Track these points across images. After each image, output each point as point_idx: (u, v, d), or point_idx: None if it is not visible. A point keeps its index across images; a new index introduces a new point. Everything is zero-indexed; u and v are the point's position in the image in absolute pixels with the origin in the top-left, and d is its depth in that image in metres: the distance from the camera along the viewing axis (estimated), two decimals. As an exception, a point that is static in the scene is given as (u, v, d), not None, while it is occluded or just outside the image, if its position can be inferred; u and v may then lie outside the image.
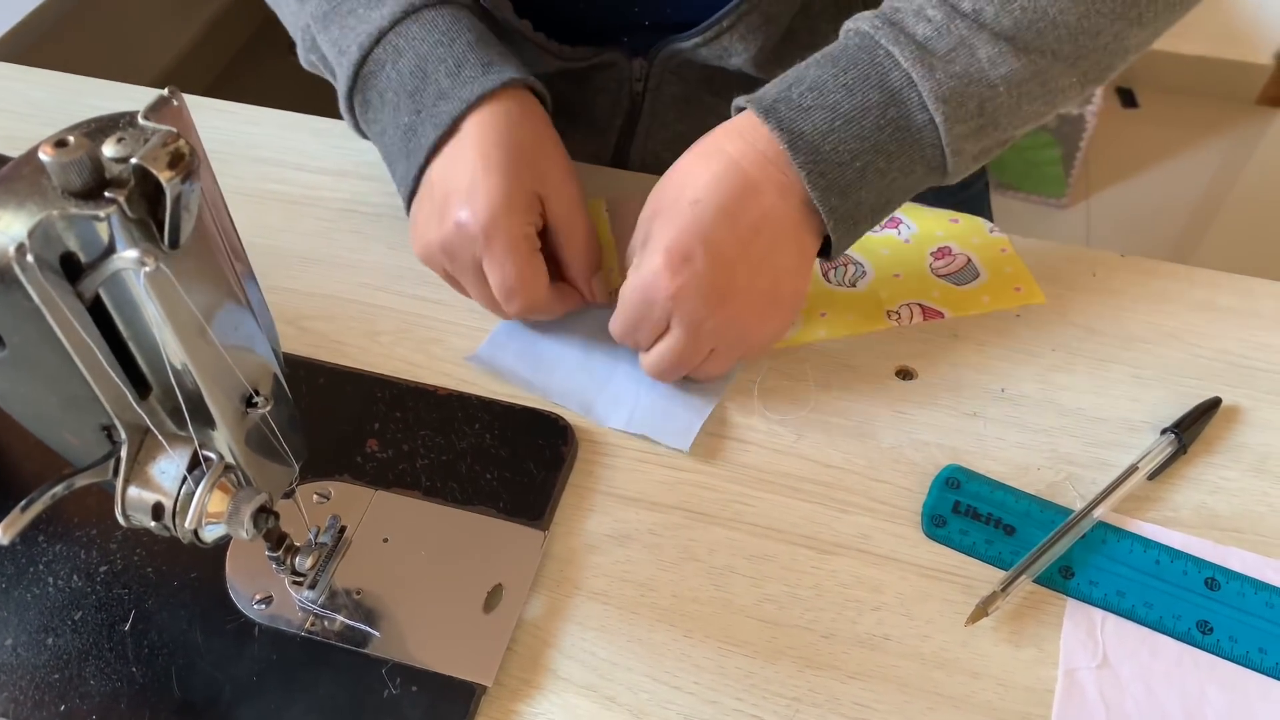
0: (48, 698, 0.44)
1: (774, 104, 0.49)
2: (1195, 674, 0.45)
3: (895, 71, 0.48)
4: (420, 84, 0.53)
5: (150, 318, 0.32)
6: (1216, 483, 0.51)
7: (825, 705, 0.44)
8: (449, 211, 0.52)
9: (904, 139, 0.49)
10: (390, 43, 0.54)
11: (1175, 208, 1.94)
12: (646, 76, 0.68)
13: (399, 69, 0.54)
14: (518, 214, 0.52)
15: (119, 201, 0.29)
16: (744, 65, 0.64)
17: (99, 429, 0.34)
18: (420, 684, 0.44)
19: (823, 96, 0.48)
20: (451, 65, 0.53)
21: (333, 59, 0.57)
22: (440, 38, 0.53)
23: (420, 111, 0.53)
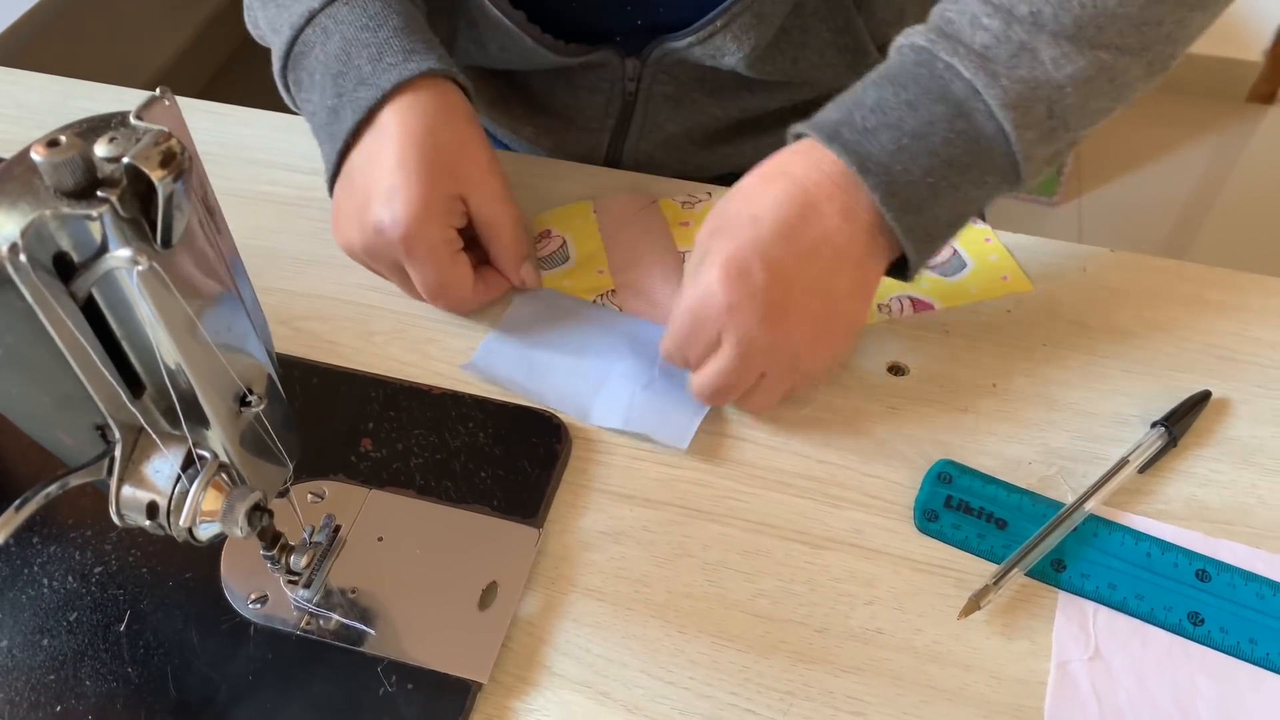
0: (44, 699, 0.44)
1: (836, 129, 0.48)
2: (1186, 665, 0.45)
3: (958, 83, 0.47)
4: (344, 67, 0.54)
5: (143, 317, 0.32)
6: (1207, 475, 0.51)
7: (819, 699, 0.44)
8: (368, 214, 0.53)
9: (974, 150, 0.48)
10: (320, 24, 0.55)
11: (1167, 205, 1.94)
12: (639, 76, 0.68)
13: (326, 51, 0.55)
14: (436, 220, 0.53)
15: (111, 201, 0.29)
16: (737, 65, 0.64)
17: (93, 428, 0.34)
18: (416, 681, 0.44)
19: (885, 116, 0.48)
20: (374, 51, 0.54)
21: (269, 35, 0.59)
22: (367, 22, 0.54)
23: (342, 95, 0.54)
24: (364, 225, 0.53)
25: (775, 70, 0.66)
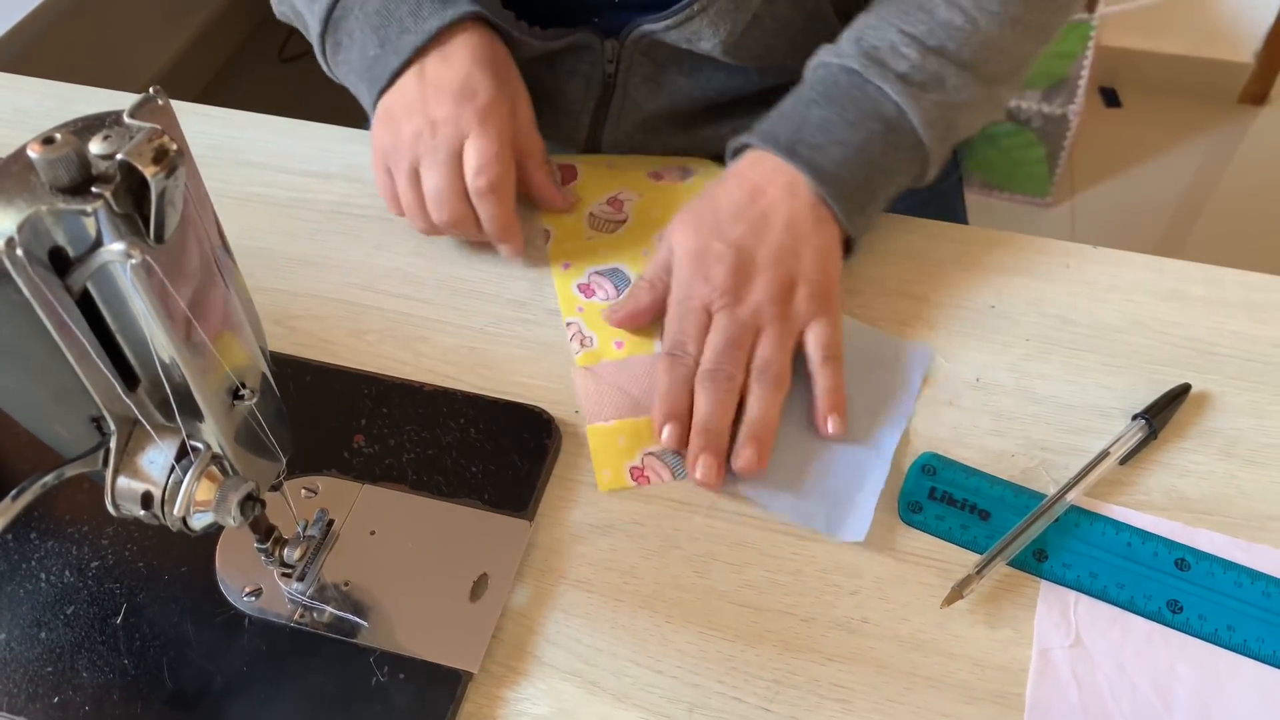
0: (41, 690, 0.44)
1: (792, 146, 0.56)
2: (1165, 651, 0.46)
3: (887, 104, 0.57)
4: (384, 21, 0.60)
5: (137, 310, 0.32)
6: (1187, 466, 0.52)
7: (805, 686, 0.45)
8: (443, 96, 0.58)
9: (901, 159, 0.58)
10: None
11: (1159, 206, 1.95)
12: (618, 58, 0.69)
13: (365, 10, 0.60)
14: (505, 109, 0.59)
15: (105, 196, 0.30)
16: (712, 50, 0.65)
17: (89, 421, 0.35)
18: (408, 672, 0.45)
19: (831, 134, 0.57)
20: (413, 4, 0.59)
21: (304, 7, 0.63)
22: None
23: (385, 44, 0.59)
24: (437, 106, 0.57)
25: (749, 55, 0.68)
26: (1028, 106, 1.86)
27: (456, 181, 0.58)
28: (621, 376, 0.56)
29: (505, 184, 0.58)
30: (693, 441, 0.51)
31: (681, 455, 0.52)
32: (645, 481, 0.52)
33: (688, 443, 0.52)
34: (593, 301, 0.60)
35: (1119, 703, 0.44)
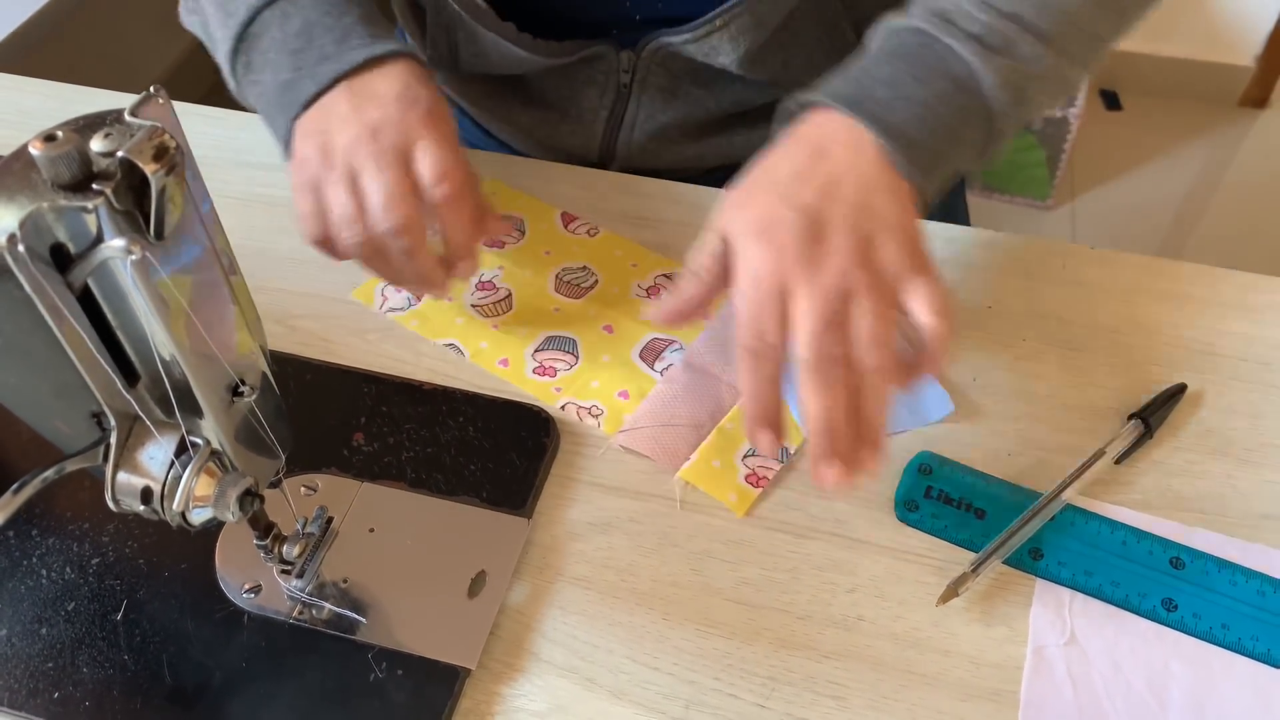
0: (42, 686, 0.45)
1: (858, 100, 0.50)
2: (1160, 649, 0.46)
3: (957, 63, 0.51)
4: (304, 45, 0.55)
5: (137, 307, 0.33)
6: (1182, 466, 0.52)
7: (800, 684, 0.45)
8: (382, 103, 0.52)
9: (970, 122, 0.52)
10: (280, 7, 0.55)
11: (1160, 209, 1.95)
12: (634, 68, 0.69)
13: (284, 30, 0.55)
14: (452, 120, 0.54)
15: (106, 193, 0.30)
16: (730, 64, 0.65)
17: (89, 416, 0.35)
18: (406, 668, 0.45)
19: (898, 90, 0.51)
20: (339, 34, 0.55)
21: (216, 21, 0.58)
22: (330, 8, 0.55)
23: (300, 69, 0.54)
24: (371, 113, 0.52)
25: (766, 70, 0.68)
26: (1028, 109, 1.86)
27: (406, 183, 0.51)
28: (663, 414, 0.54)
29: (467, 192, 0.53)
30: (815, 446, 0.45)
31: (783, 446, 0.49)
32: (765, 483, 0.52)
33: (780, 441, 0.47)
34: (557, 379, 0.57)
35: (1114, 700, 0.45)
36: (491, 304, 0.60)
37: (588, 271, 0.62)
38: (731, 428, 0.54)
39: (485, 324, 0.59)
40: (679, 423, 0.54)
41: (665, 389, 0.55)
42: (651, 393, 0.55)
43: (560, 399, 0.55)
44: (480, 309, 0.60)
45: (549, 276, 0.62)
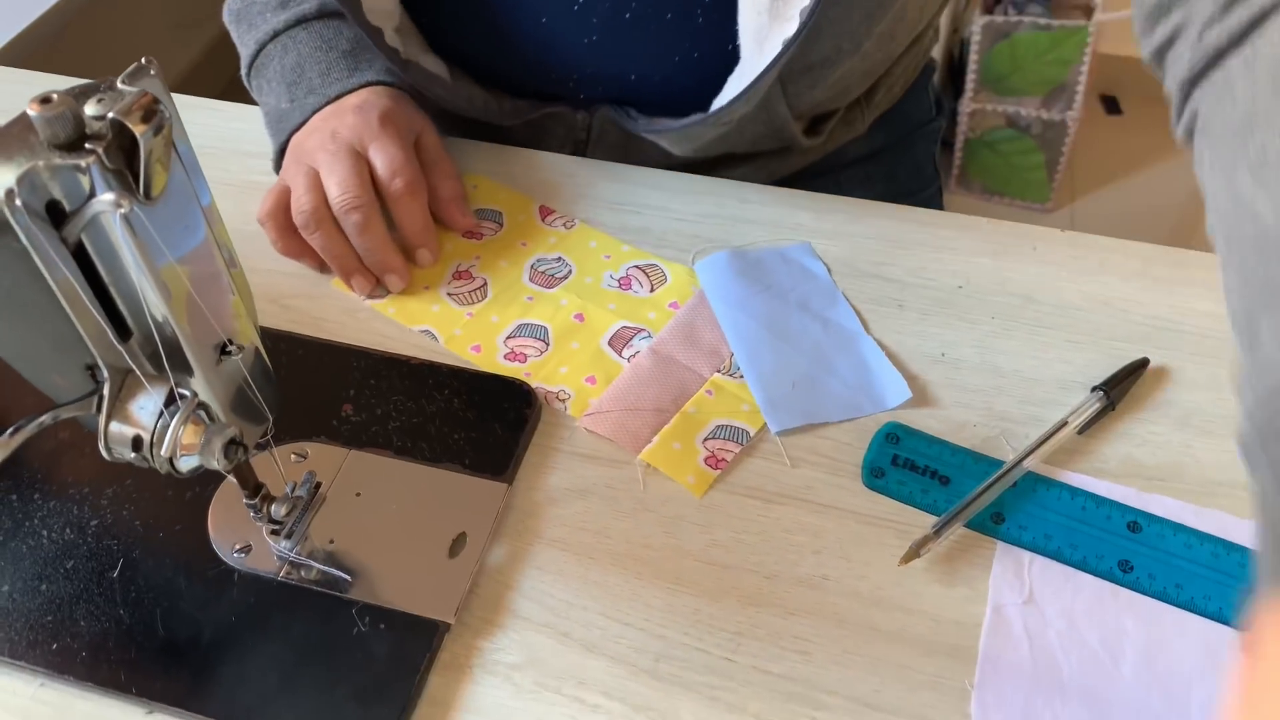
0: (41, 638, 0.47)
1: None
2: (1114, 608, 0.48)
3: None
4: (297, 78, 0.65)
5: (127, 263, 0.35)
6: (1143, 436, 0.54)
7: (766, 639, 0.47)
8: (342, 114, 0.62)
9: None
10: (280, 42, 0.67)
11: (1159, 213, 1.97)
12: (589, 128, 0.73)
13: (284, 64, 0.66)
14: (404, 121, 0.63)
15: (98, 152, 0.32)
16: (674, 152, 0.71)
17: (84, 369, 0.38)
18: (388, 622, 0.47)
19: None
20: (323, 68, 0.65)
21: (240, 43, 0.70)
22: (319, 44, 0.66)
23: (294, 100, 0.65)
24: (332, 121, 0.62)
25: (711, 153, 0.72)
26: (1027, 113, 1.88)
27: (362, 171, 0.60)
28: (627, 399, 0.56)
29: (420, 185, 0.62)
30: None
31: (740, 428, 0.55)
32: (724, 465, 0.53)
33: None
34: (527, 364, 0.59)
35: (1068, 655, 0.46)
36: (467, 292, 0.62)
37: (562, 262, 0.64)
38: (694, 412, 0.55)
39: (460, 311, 0.61)
40: (642, 407, 0.56)
41: (631, 374, 0.57)
42: (618, 378, 0.57)
43: (529, 384, 0.57)
44: (456, 297, 0.62)
45: (524, 267, 0.64)
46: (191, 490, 0.52)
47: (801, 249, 0.64)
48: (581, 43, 0.66)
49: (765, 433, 0.55)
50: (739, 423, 0.55)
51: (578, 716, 0.45)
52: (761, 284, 0.61)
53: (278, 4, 0.68)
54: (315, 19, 0.67)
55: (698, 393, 0.57)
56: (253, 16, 0.69)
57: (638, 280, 0.63)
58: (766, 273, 0.62)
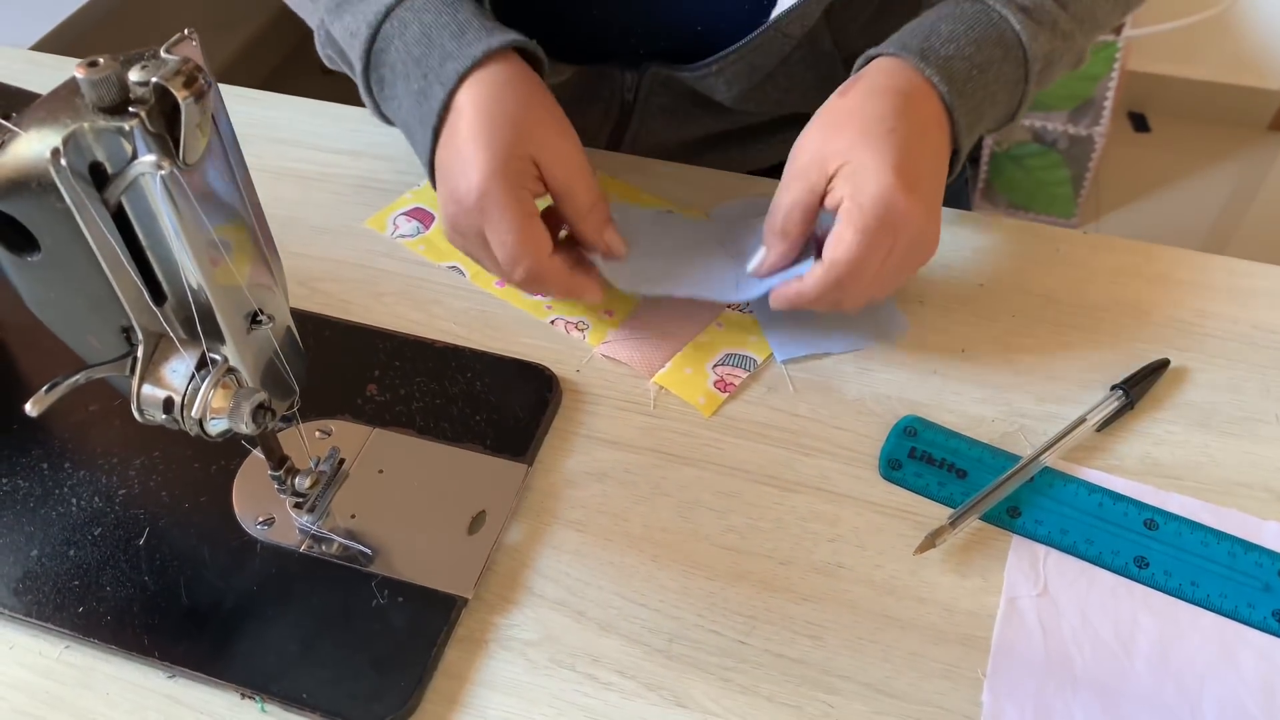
0: (68, 601, 0.48)
1: (924, 52, 0.55)
2: (1129, 603, 0.48)
3: (1008, 31, 0.57)
4: (426, 50, 0.56)
5: (165, 227, 0.36)
6: (1161, 435, 0.54)
7: (780, 623, 0.47)
8: (448, 193, 0.55)
9: (1006, 90, 0.58)
10: (397, 16, 0.57)
11: (1187, 232, 1.96)
12: (637, 87, 0.72)
13: (405, 40, 0.57)
14: (508, 180, 0.53)
15: (141, 115, 0.33)
16: (724, 99, 0.70)
17: (119, 331, 0.39)
18: (406, 595, 0.48)
19: (959, 48, 0.56)
20: (455, 29, 0.56)
21: (346, 45, 0.60)
22: (444, 6, 0.57)
23: (428, 75, 0.55)
24: (448, 204, 0.55)
25: (759, 104, 0.72)
26: (1053, 128, 1.88)
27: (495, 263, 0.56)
28: (643, 328, 0.60)
29: (540, 267, 0.55)
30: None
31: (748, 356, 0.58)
32: (732, 389, 0.57)
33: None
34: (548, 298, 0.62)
35: (1081, 647, 0.46)
36: None
37: None
38: (705, 340, 0.59)
39: None
40: (655, 334, 0.59)
41: (648, 306, 0.61)
42: (635, 309, 0.61)
43: (550, 315, 0.61)
44: None
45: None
46: (217, 463, 0.53)
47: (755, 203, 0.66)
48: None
49: (773, 424, 0.55)
50: (746, 351, 0.58)
51: (591, 693, 0.45)
52: None
53: None
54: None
55: (709, 325, 0.60)
56: (354, 5, 0.59)
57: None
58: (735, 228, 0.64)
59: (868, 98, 0.55)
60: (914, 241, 0.53)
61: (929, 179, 0.54)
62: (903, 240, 0.53)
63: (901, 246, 0.53)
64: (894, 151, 0.52)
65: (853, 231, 0.52)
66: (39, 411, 0.36)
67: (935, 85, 0.55)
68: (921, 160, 0.54)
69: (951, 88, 0.55)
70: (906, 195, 0.52)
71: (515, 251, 0.54)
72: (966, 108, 0.55)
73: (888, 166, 0.52)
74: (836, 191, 0.53)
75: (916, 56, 0.55)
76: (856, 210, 0.52)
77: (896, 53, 0.56)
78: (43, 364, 0.58)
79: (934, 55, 0.55)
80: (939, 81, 0.54)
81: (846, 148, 0.53)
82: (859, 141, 0.53)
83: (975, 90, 0.56)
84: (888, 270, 0.53)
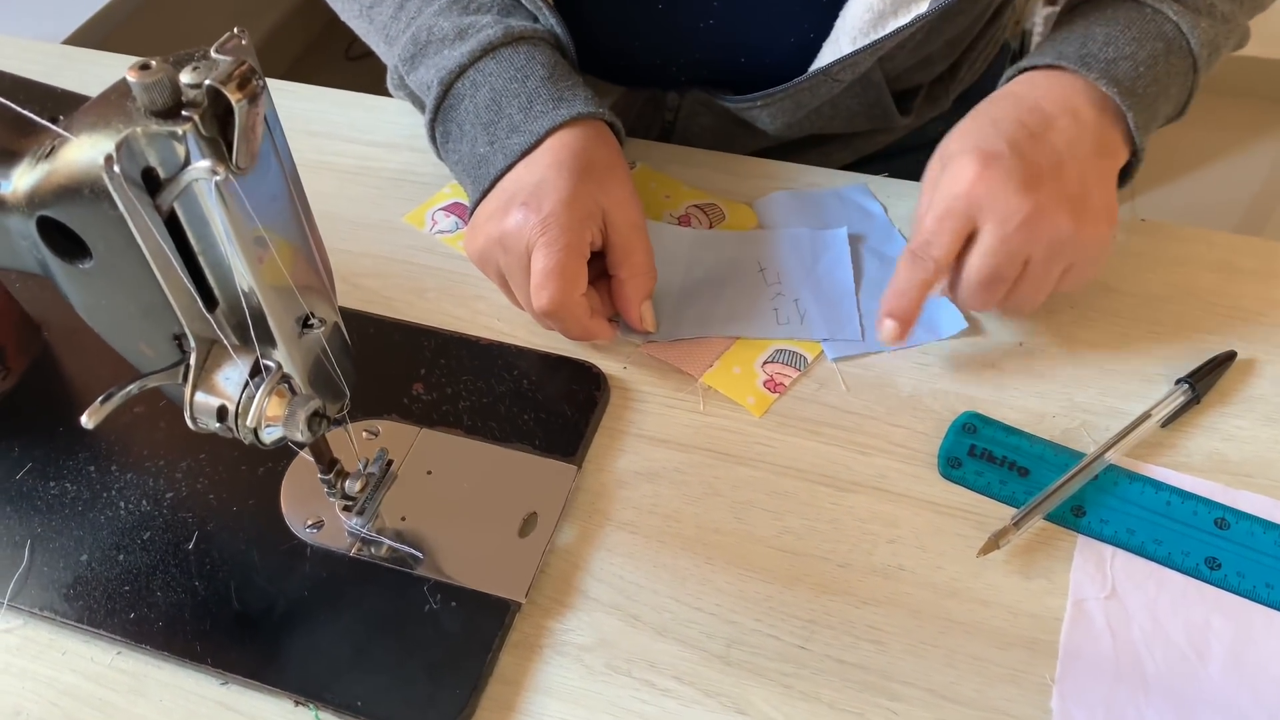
0: (119, 607, 0.47)
1: (1084, 59, 0.54)
2: (1201, 605, 0.46)
3: (1166, 23, 0.56)
4: (495, 117, 0.56)
5: (218, 232, 0.35)
6: (1229, 431, 0.52)
7: (839, 627, 0.46)
8: (513, 205, 0.53)
9: (1176, 82, 0.56)
10: (469, 78, 0.57)
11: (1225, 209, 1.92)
12: (678, 109, 0.72)
13: (475, 102, 0.57)
14: (577, 214, 0.53)
15: (194, 120, 0.32)
16: (767, 129, 0.69)
17: (171, 338, 0.38)
18: (459, 600, 0.47)
19: (1120, 49, 0.55)
20: (524, 100, 0.56)
21: (420, 94, 0.61)
22: (515, 74, 0.57)
23: (494, 143, 0.56)
24: (507, 214, 0.53)
25: (804, 131, 0.71)
26: (1089, 106, 1.84)
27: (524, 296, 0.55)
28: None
29: (564, 301, 0.52)
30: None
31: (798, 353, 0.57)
32: (782, 389, 0.55)
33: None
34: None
35: (1152, 652, 0.45)
36: None
37: None
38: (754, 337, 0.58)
39: None
40: (700, 332, 0.58)
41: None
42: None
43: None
44: None
45: None
46: (265, 465, 0.52)
47: (859, 190, 0.65)
48: (697, 27, 0.65)
49: (827, 422, 0.54)
50: (797, 348, 0.57)
51: (649, 700, 0.44)
52: (820, 221, 0.63)
53: (454, 36, 0.58)
54: (503, 44, 0.57)
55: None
56: (429, 58, 0.59)
57: (696, 218, 0.65)
58: (824, 211, 0.64)
59: (984, 105, 0.55)
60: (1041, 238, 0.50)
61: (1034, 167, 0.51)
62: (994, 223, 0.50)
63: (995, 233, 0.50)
64: (982, 136, 0.52)
65: (925, 209, 0.53)
66: (95, 423, 0.35)
67: (1104, 89, 0.53)
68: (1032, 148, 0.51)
69: (1120, 89, 0.53)
70: (982, 171, 0.50)
71: (553, 277, 0.52)
72: (1140, 106, 0.54)
73: (965, 150, 0.51)
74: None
75: (1077, 64, 0.54)
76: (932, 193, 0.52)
77: (1055, 62, 0.55)
78: (89, 367, 0.57)
79: (1095, 60, 0.54)
80: (1106, 85, 0.53)
81: (950, 142, 0.54)
82: (959, 136, 0.54)
83: (1147, 86, 0.54)
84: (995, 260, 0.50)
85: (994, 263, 0.51)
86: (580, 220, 0.53)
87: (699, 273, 0.60)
